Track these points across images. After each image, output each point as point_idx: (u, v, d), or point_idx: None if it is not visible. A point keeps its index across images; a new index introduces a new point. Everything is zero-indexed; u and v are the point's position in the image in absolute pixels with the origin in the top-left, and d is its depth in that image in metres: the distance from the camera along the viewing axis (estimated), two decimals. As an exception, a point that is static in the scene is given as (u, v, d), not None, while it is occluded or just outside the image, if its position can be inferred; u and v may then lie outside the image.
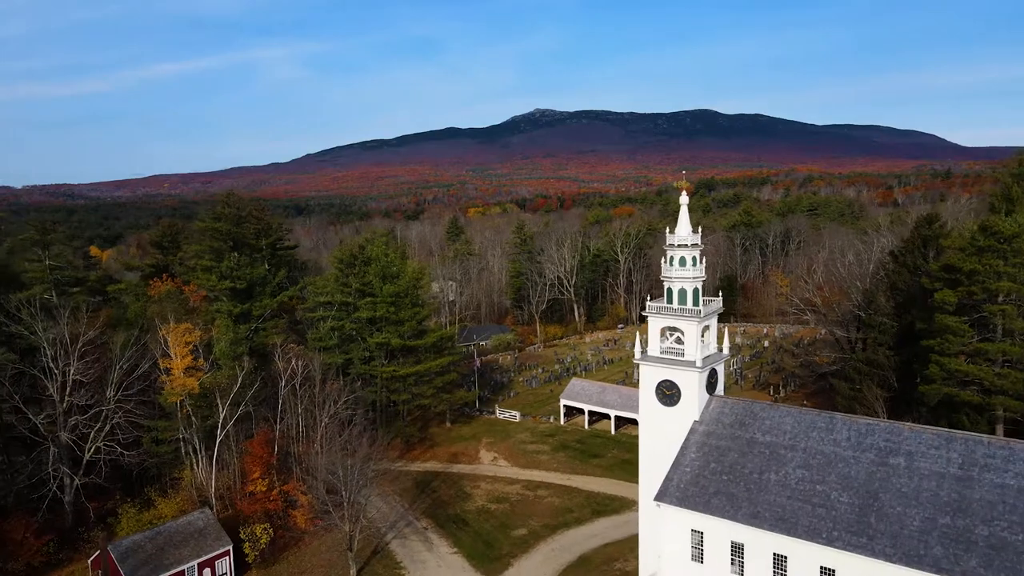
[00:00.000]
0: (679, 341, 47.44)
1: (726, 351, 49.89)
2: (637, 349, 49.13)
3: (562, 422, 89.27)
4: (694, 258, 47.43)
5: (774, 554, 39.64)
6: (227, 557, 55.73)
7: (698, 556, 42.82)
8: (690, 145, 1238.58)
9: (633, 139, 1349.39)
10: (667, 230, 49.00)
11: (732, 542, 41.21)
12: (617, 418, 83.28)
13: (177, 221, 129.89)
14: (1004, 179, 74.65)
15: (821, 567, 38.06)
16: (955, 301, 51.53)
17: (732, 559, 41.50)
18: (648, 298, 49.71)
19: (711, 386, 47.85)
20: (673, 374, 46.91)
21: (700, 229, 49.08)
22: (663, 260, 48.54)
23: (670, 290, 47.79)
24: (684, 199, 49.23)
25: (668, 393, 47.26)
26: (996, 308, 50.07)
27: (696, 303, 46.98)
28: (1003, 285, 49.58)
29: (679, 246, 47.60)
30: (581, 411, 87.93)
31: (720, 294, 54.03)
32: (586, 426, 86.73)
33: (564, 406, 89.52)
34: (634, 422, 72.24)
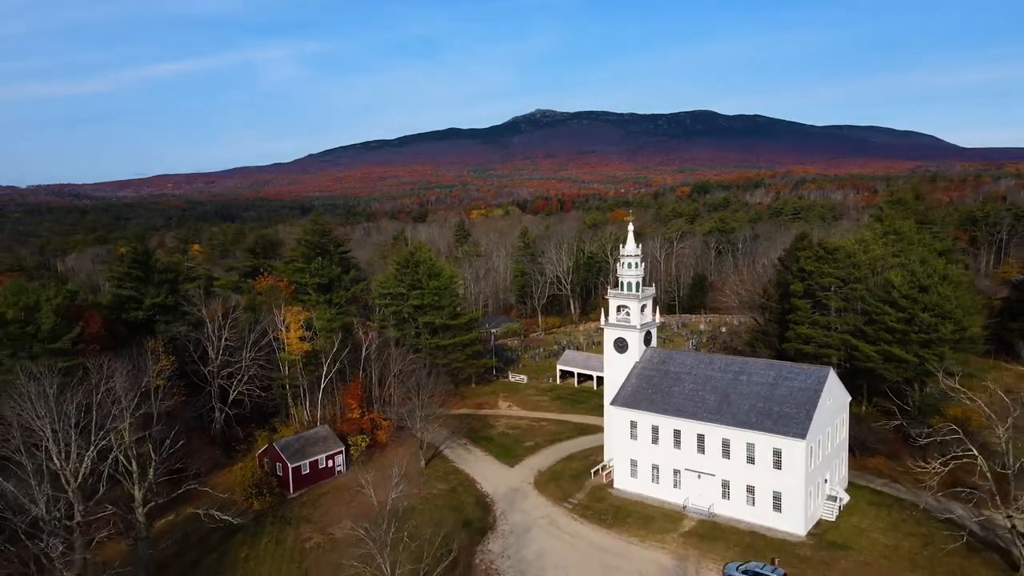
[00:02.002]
0: (627, 314, 78.14)
1: (658, 320, 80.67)
2: (602, 319, 79.89)
3: (558, 382, 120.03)
4: (636, 263, 78.10)
5: (674, 430, 70.39)
6: (341, 454, 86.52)
7: (634, 436, 73.49)
8: (689, 146, 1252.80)
9: (633, 139, 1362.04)
10: (621, 245, 79.72)
11: (652, 425, 71.92)
12: (598, 378, 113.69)
13: (267, 232, 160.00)
14: (880, 204, 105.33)
15: (698, 434, 68.81)
16: (801, 289, 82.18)
17: (652, 436, 72.19)
18: (609, 288, 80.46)
19: (647, 340, 78.60)
20: (623, 333, 77.64)
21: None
22: (618, 265, 79.17)
23: (622, 282, 78.41)
24: (631, 227, 79.88)
25: (620, 345, 77.98)
26: (824, 295, 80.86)
27: (637, 290, 77.70)
28: (827, 280, 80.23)
29: (627, 256, 78.34)
30: (572, 374, 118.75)
31: (658, 290, 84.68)
32: (576, 384, 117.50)
33: (560, 370, 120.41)
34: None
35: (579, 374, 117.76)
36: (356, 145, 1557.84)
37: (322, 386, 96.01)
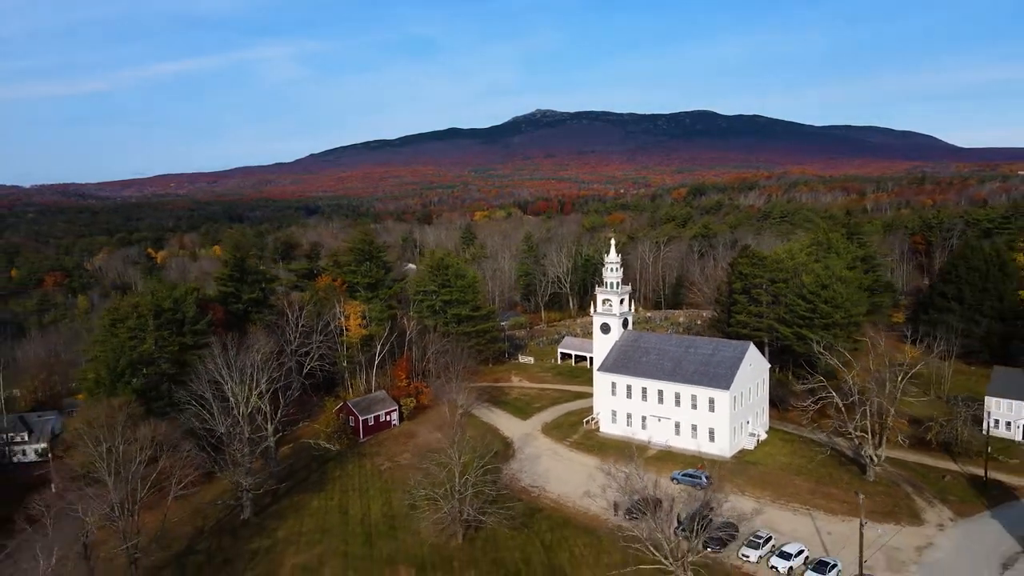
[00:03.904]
0: (610, 305, 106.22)
1: (633, 310, 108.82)
2: (592, 309, 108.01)
3: (559, 363, 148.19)
4: (616, 267, 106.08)
5: (642, 388, 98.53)
6: (395, 412, 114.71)
7: (614, 393, 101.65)
8: (689, 146, 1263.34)
9: (633, 139, 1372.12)
10: (606, 254, 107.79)
11: (627, 385, 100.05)
12: (591, 358, 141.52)
13: (284, 234, 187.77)
14: (816, 218, 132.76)
15: (658, 390, 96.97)
16: (740, 287, 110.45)
17: (627, 393, 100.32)
18: (596, 286, 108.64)
19: (625, 325, 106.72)
20: (607, 319, 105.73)
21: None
22: (603, 268, 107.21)
23: (606, 281, 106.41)
24: (612, 241, 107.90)
25: (605, 328, 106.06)
26: (756, 291, 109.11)
27: (617, 288, 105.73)
28: (758, 280, 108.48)
29: (610, 263, 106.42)
30: (570, 356, 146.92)
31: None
32: (573, 364, 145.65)
33: (560, 353, 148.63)
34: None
35: (576, 356, 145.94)
36: (357, 145, 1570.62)
37: (376, 362, 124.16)
